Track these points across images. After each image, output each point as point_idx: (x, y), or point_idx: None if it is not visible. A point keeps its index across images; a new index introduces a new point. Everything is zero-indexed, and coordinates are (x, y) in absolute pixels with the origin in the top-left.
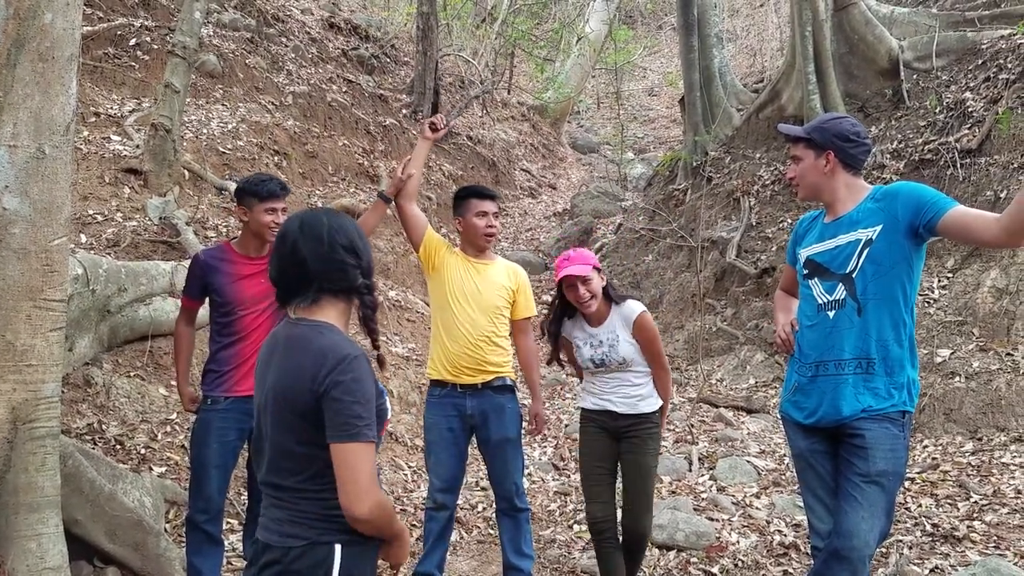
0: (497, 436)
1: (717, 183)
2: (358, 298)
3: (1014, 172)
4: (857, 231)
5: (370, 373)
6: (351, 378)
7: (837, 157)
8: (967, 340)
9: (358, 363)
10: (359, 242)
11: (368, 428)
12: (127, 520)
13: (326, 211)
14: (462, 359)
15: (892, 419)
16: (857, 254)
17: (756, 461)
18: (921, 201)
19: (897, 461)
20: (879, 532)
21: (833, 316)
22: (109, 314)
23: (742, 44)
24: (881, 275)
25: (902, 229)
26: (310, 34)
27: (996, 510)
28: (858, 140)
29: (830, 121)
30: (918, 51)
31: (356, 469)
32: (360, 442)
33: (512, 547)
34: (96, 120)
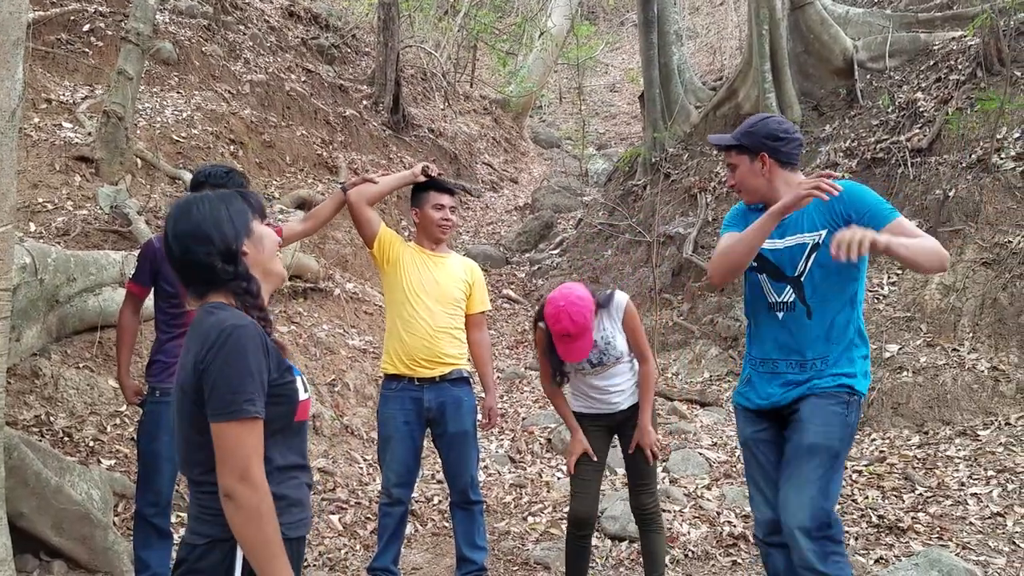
0: (454, 429)
1: (675, 179)
2: (224, 284)
3: (962, 171)
4: (803, 234)
5: (256, 344)
6: (228, 350)
7: (772, 157)
8: (915, 336)
9: (239, 333)
10: (206, 227)
11: (249, 403)
12: (74, 513)
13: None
14: (420, 352)
15: (833, 395)
16: (805, 258)
17: (708, 453)
18: (865, 207)
19: (829, 435)
20: (809, 505)
21: (782, 317)
22: (58, 304)
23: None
24: (829, 277)
25: None
26: (269, 22)
27: (940, 502)
28: (788, 137)
29: (757, 124)
30: (872, 51)
31: (230, 450)
32: (238, 420)
33: (466, 539)
34: (47, 107)
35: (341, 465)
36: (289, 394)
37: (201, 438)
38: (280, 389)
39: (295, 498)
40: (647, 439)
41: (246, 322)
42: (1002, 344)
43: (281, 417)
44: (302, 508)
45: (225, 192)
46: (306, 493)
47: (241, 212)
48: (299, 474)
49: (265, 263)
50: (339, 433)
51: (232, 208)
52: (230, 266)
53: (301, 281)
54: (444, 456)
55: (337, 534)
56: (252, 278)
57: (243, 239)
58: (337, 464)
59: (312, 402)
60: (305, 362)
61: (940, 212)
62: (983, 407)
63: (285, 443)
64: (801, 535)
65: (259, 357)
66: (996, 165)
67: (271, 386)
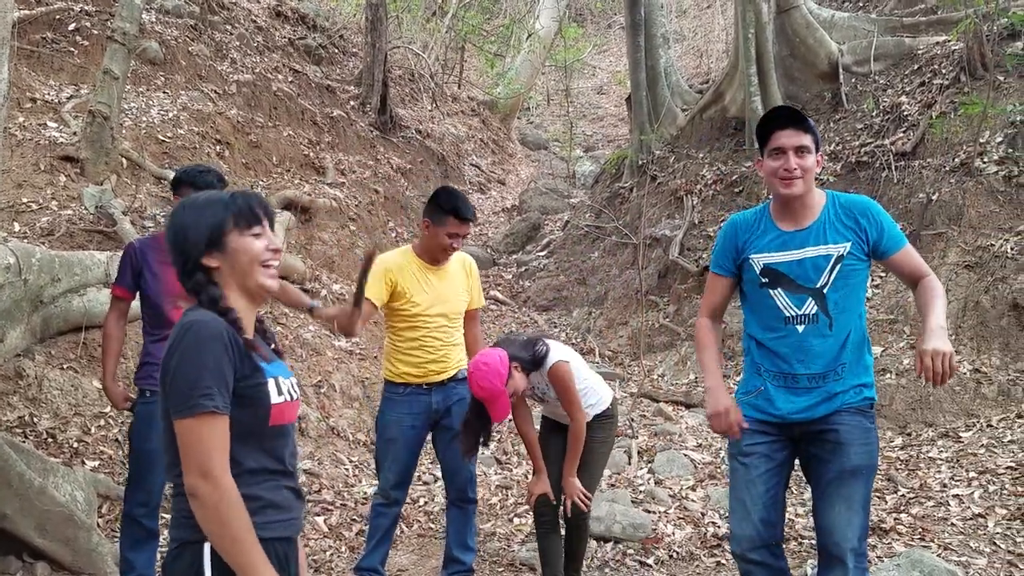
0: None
1: (661, 182)
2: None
3: (945, 175)
4: (828, 245)
5: (216, 338)
6: (185, 345)
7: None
8: (898, 338)
9: (196, 327)
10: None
11: (206, 398)
12: (58, 515)
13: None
14: (431, 365)
15: (863, 412)
16: (829, 269)
17: (693, 455)
18: (887, 228)
19: (871, 454)
20: (858, 526)
21: (803, 330)
22: (42, 304)
23: (689, 45)
24: (848, 288)
25: (867, 249)
26: (256, 22)
27: (922, 503)
28: None
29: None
30: (857, 55)
31: (190, 446)
32: (195, 415)
33: (458, 539)
34: (32, 106)
35: (327, 467)
36: (258, 396)
37: (172, 440)
38: (247, 391)
39: (269, 499)
40: (571, 491)
41: (207, 318)
42: (984, 346)
43: (249, 420)
44: (280, 510)
45: (212, 198)
46: (287, 497)
47: (209, 226)
48: (277, 479)
49: (241, 278)
50: (325, 435)
51: (201, 219)
52: (187, 279)
53: (287, 282)
54: (444, 452)
55: (322, 536)
56: (207, 291)
57: (203, 253)
58: (323, 466)
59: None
60: (291, 363)
61: (923, 215)
62: (965, 409)
63: (259, 447)
64: (852, 557)
65: (218, 352)
66: (979, 169)
67: (237, 386)
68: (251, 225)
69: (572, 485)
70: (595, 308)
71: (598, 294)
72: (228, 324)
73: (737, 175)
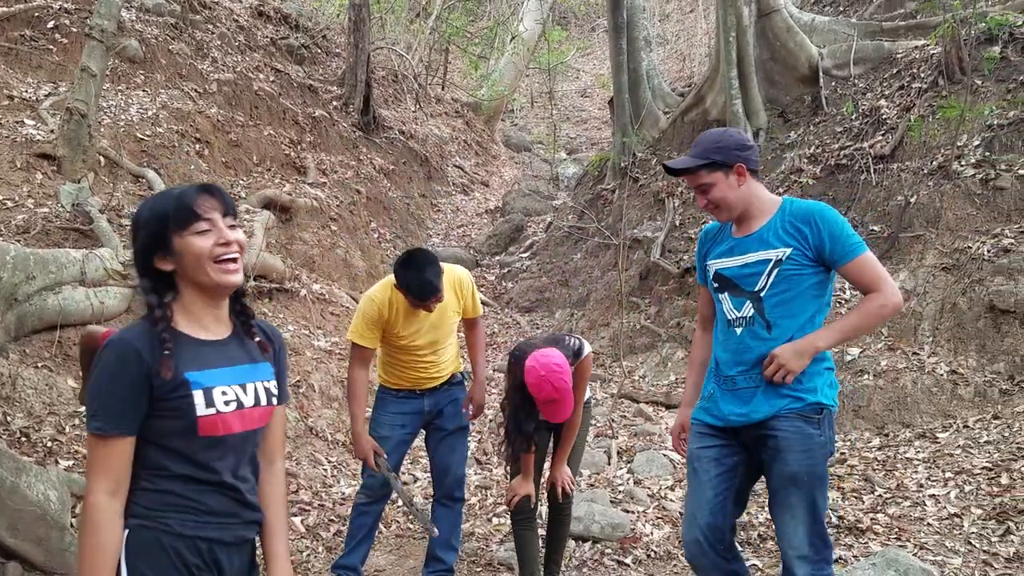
0: (453, 425)
1: (643, 184)
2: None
3: (923, 178)
4: (767, 250)
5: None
6: (99, 364)
7: (748, 168)
8: (876, 339)
9: (107, 351)
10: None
11: (93, 419)
12: (30, 514)
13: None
14: (423, 378)
15: (806, 417)
16: (767, 273)
17: (672, 455)
18: (834, 238)
19: (812, 462)
20: (804, 534)
21: (740, 332)
22: (16, 302)
23: (672, 49)
24: (791, 292)
25: (812, 255)
26: (238, 22)
27: (899, 503)
28: (751, 144)
29: (722, 137)
30: (837, 59)
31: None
32: (90, 434)
33: (442, 539)
34: (9, 103)
35: (305, 467)
36: (181, 408)
37: None
38: (169, 404)
39: (194, 501)
40: (564, 478)
41: (127, 336)
42: (961, 348)
43: (175, 431)
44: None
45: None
46: (222, 502)
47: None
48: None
49: (193, 277)
50: (303, 435)
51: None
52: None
53: (266, 282)
54: (439, 452)
55: (299, 536)
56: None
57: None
58: (301, 466)
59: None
60: None
61: (902, 218)
62: (942, 410)
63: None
64: (800, 564)
65: (120, 373)
66: (957, 172)
67: (157, 400)
68: (189, 224)
69: (566, 473)
70: (577, 309)
71: (580, 295)
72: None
73: None
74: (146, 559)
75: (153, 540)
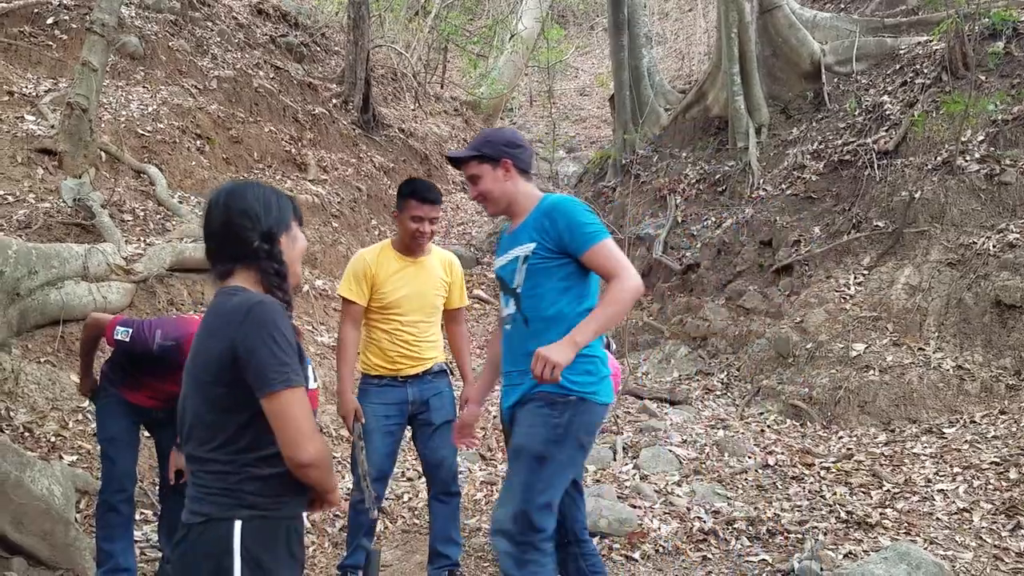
0: (439, 420)
1: (645, 181)
2: (256, 262)
3: (927, 173)
4: (519, 247)
5: (284, 317)
6: (265, 322)
7: (515, 165)
8: (881, 335)
9: (268, 307)
10: (256, 206)
11: (295, 374)
12: (35, 509)
13: (238, 181)
14: (401, 359)
15: (541, 397)
16: (518, 270)
17: (678, 450)
18: (571, 228)
19: (532, 437)
20: (511, 511)
21: (509, 329)
22: (19, 297)
23: (671, 47)
24: (539, 286)
25: (555, 248)
26: (237, 19)
27: (907, 498)
28: (524, 145)
29: (494, 133)
30: (839, 55)
31: (292, 416)
32: (291, 387)
33: (442, 534)
34: (9, 99)
35: None
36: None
37: (213, 416)
38: None
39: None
40: None
41: (269, 298)
42: (967, 343)
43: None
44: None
45: (272, 188)
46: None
47: (287, 208)
48: None
49: (291, 261)
50: None
51: (281, 200)
52: (267, 245)
53: None
54: (427, 447)
55: (305, 531)
56: (284, 263)
57: (283, 230)
58: None
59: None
60: None
61: (906, 213)
62: (948, 405)
63: None
64: (501, 538)
65: (290, 331)
66: (961, 167)
67: None
68: (301, 222)
69: None
70: None
71: None
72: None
73: (720, 174)
74: (263, 547)
75: (269, 528)
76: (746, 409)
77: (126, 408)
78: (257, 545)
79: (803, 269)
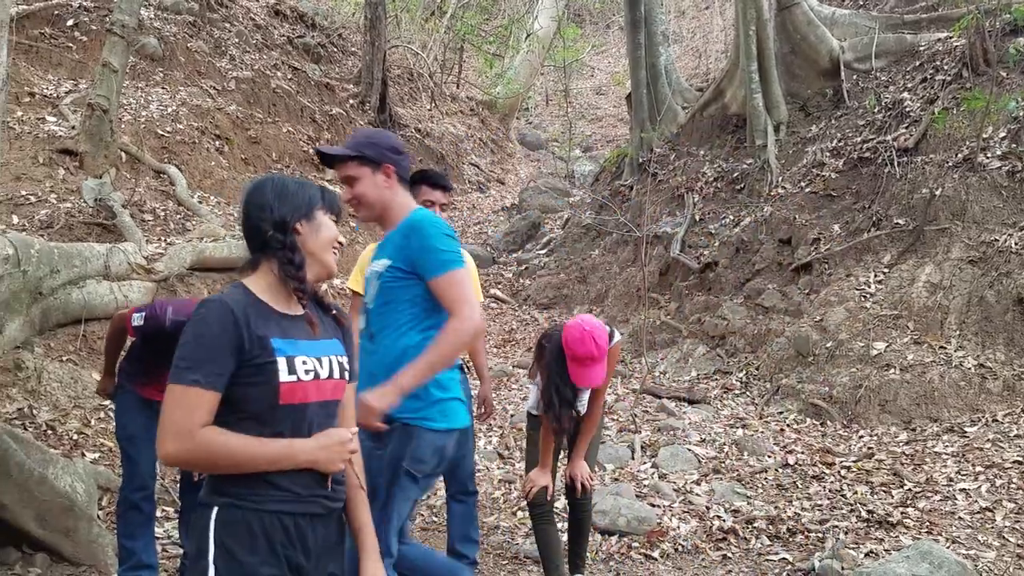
0: None
1: (662, 179)
2: (271, 253)
3: (948, 170)
4: (377, 261)
5: (218, 317)
6: (193, 319)
7: (396, 172)
8: (902, 333)
9: (204, 307)
10: (270, 196)
11: (189, 371)
12: (58, 505)
13: (263, 176)
14: None
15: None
16: (373, 284)
17: (697, 449)
18: (424, 251)
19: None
20: None
21: (363, 345)
22: (41, 296)
23: (688, 46)
24: (389, 304)
25: (407, 267)
26: (255, 20)
27: (929, 497)
28: (406, 153)
29: (377, 135)
30: (858, 52)
31: (167, 411)
32: (179, 384)
33: (460, 533)
34: (31, 100)
35: None
36: (264, 374)
37: None
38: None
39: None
40: (584, 473)
41: (217, 298)
42: (989, 341)
43: (259, 399)
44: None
45: (306, 181)
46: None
47: (308, 198)
48: None
49: (316, 250)
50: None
51: (302, 191)
52: (280, 235)
53: None
54: None
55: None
56: (298, 251)
57: (299, 218)
58: None
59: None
60: None
61: (927, 211)
62: (970, 404)
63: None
64: None
65: (209, 329)
66: (982, 164)
67: (246, 364)
68: (333, 212)
69: (584, 468)
70: (596, 306)
71: (599, 292)
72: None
73: (738, 172)
74: (234, 536)
75: (241, 518)
76: (765, 408)
77: (142, 404)
78: (229, 534)
79: (823, 267)
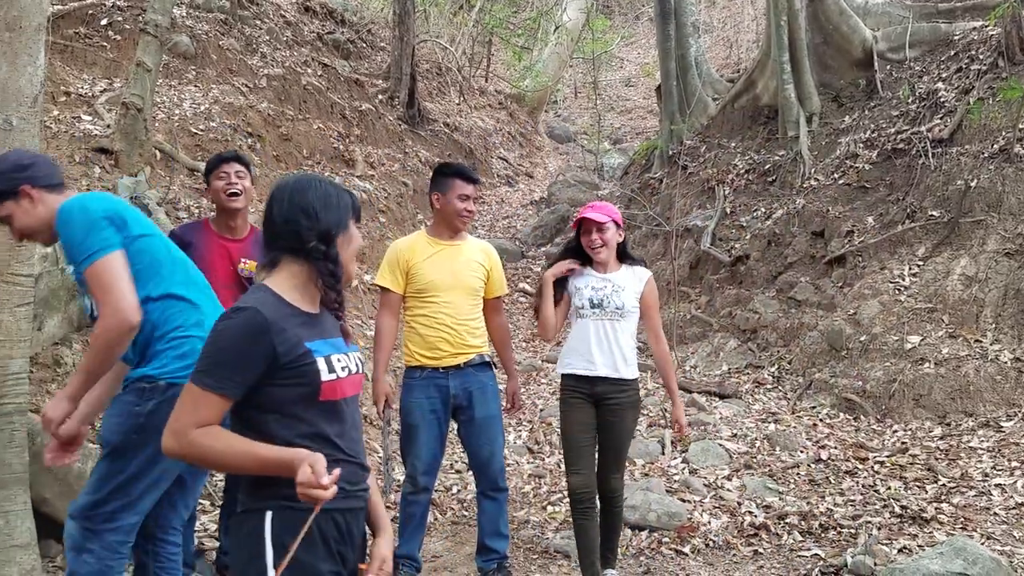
0: (482, 414)
1: (692, 172)
2: (311, 261)
3: (984, 162)
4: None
5: (248, 328)
6: (218, 323)
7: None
8: (937, 327)
9: (234, 314)
10: (316, 204)
11: (204, 374)
12: None
13: (305, 174)
14: (442, 344)
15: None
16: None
17: (728, 444)
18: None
19: (109, 428)
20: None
21: None
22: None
23: (718, 36)
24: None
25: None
26: (285, 17)
27: (964, 493)
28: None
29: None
30: (891, 42)
31: (176, 405)
32: (190, 382)
33: (491, 528)
34: (66, 100)
35: None
36: (307, 374)
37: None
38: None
39: None
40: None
41: (249, 305)
42: None
43: (297, 399)
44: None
45: (338, 187)
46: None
47: (346, 207)
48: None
49: (346, 260)
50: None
51: (342, 200)
52: (323, 246)
53: None
54: (472, 443)
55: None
56: (340, 263)
57: (341, 230)
58: None
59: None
60: None
61: (962, 202)
62: (1006, 398)
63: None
64: (69, 520)
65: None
66: (1018, 155)
67: (283, 368)
68: (358, 220)
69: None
70: None
71: None
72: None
73: (770, 164)
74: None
75: (299, 520)
76: (798, 403)
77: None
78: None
79: (856, 260)
